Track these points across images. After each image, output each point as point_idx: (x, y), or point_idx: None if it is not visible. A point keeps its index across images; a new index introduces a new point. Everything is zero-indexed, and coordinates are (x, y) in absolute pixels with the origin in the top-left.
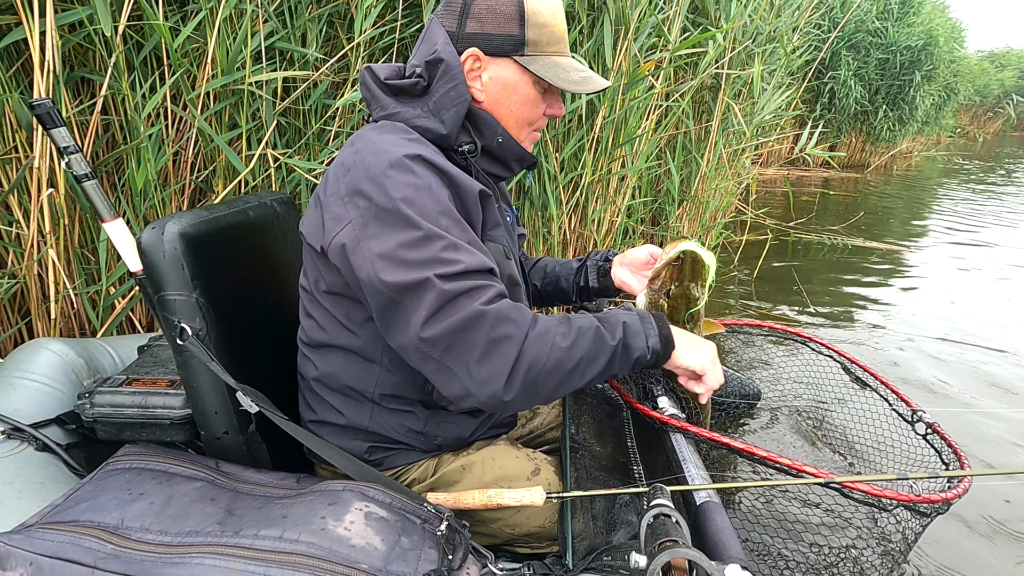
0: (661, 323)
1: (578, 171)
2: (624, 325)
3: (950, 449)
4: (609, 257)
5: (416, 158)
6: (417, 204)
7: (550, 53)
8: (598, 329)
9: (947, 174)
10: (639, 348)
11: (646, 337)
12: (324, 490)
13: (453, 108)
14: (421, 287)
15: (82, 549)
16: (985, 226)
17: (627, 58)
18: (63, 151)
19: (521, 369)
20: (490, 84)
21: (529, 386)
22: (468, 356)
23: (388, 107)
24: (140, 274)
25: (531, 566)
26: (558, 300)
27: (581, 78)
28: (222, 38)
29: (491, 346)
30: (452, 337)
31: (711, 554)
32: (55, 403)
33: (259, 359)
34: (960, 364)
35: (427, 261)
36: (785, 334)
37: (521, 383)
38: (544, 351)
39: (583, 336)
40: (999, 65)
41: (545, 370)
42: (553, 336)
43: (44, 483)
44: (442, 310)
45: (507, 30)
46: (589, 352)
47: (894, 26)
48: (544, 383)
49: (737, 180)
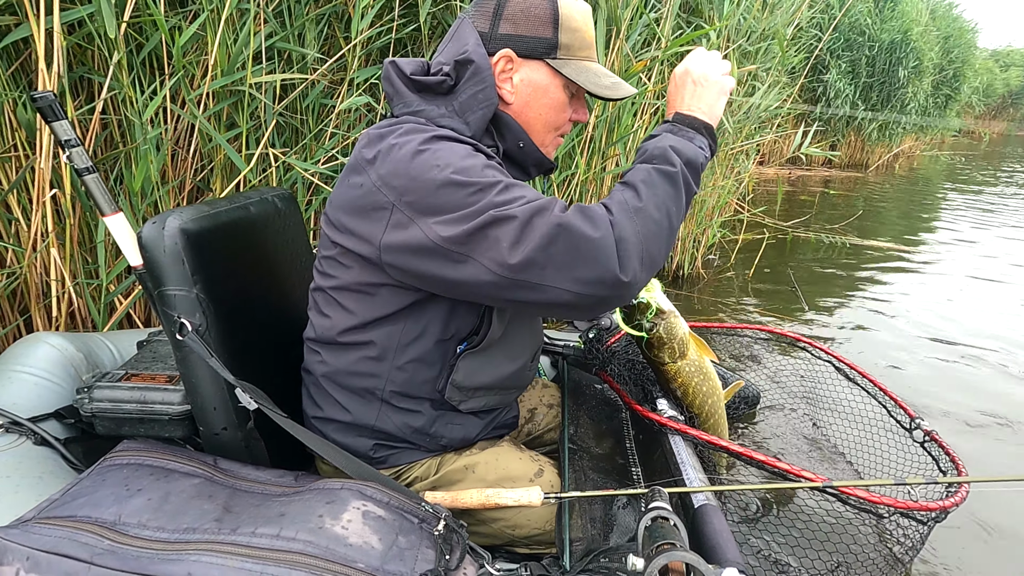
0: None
1: (571, 170)
2: (672, 150)
3: (948, 457)
4: None
5: (445, 138)
6: (461, 167)
7: (581, 58)
8: (657, 171)
9: (949, 174)
10: (695, 155)
11: (692, 140)
12: (322, 488)
13: (480, 111)
14: (480, 228)
15: (79, 544)
16: (984, 227)
17: (619, 57)
18: (65, 144)
19: (627, 250)
20: (521, 86)
21: (643, 258)
22: (570, 264)
23: (412, 104)
24: (140, 269)
25: (528, 567)
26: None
27: (611, 83)
28: (223, 38)
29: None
30: (545, 249)
31: (709, 557)
32: (54, 397)
33: (259, 355)
34: (957, 367)
35: (485, 207)
36: (785, 338)
37: (638, 259)
38: (648, 218)
39: (651, 186)
40: (1003, 64)
41: (645, 236)
42: (629, 206)
43: (42, 477)
44: (525, 232)
45: (541, 33)
46: (667, 195)
47: (875, 22)
48: (651, 246)
49: (737, 179)
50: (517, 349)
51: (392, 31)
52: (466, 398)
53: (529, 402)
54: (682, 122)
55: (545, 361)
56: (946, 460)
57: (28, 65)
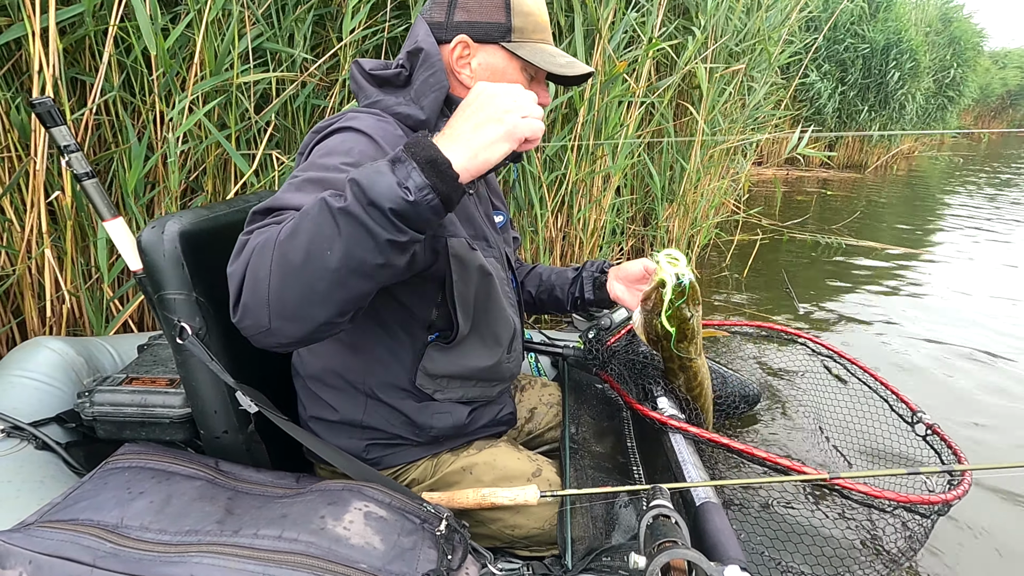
0: (417, 145)
1: (562, 170)
2: (353, 181)
3: (950, 450)
4: (605, 269)
5: (363, 134)
6: (325, 147)
7: (536, 40)
8: (322, 202)
9: (948, 175)
10: (388, 192)
11: (396, 178)
12: (323, 489)
13: (432, 94)
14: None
15: (81, 548)
16: (980, 228)
17: (602, 57)
18: (64, 149)
19: (249, 286)
20: (479, 70)
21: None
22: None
23: (371, 96)
24: (140, 273)
25: (530, 566)
26: (552, 308)
27: (566, 62)
28: (210, 39)
29: (232, 274)
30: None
31: (710, 555)
32: (55, 401)
33: (258, 359)
34: (955, 365)
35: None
36: (784, 334)
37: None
38: (266, 256)
39: (304, 218)
40: (1001, 64)
41: (274, 275)
42: (276, 235)
43: (43, 481)
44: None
45: (494, 18)
46: (317, 230)
47: (869, 24)
48: (277, 290)
49: (733, 180)
50: (490, 340)
51: (384, 30)
52: (440, 387)
53: (529, 402)
54: (413, 146)
55: (545, 361)
56: (948, 453)
57: (20, 66)
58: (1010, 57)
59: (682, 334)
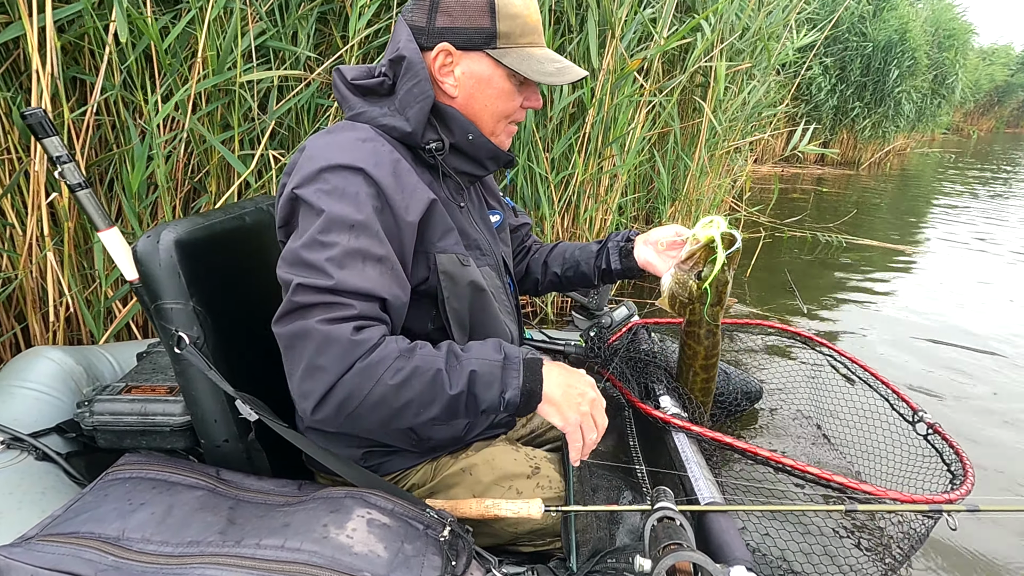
0: (531, 372)
1: (569, 170)
2: (472, 375)
3: (951, 449)
4: (631, 237)
5: (351, 168)
6: (334, 211)
7: (523, 45)
8: (438, 373)
9: (941, 171)
10: (489, 401)
11: (502, 389)
12: (326, 497)
13: (417, 105)
14: (286, 287)
15: (83, 561)
16: (976, 223)
17: (614, 57)
18: (56, 161)
19: (336, 398)
20: (464, 79)
21: (344, 415)
22: (296, 365)
23: (355, 107)
24: (136, 283)
25: (535, 570)
26: (580, 284)
27: (556, 69)
28: (212, 37)
29: (311, 368)
30: (288, 341)
31: (716, 556)
32: (54, 412)
33: (258, 366)
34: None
35: (306, 265)
36: (787, 333)
37: (335, 410)
38: (367, 386)
39: (418, 377)
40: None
41: (366, 403)
42: (383, 372)
43: (44, 493)
44: (290, 314)
45: (478, 23)
46: (421, 396)
47: (871, 22)
48: (364, 416)
49: (732, 178)
50: None
51: (390, 30)
52: None
53: None
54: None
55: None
56: (950, 452)
57: (19, 65)
58: (998, 54)
59: (717, 297)
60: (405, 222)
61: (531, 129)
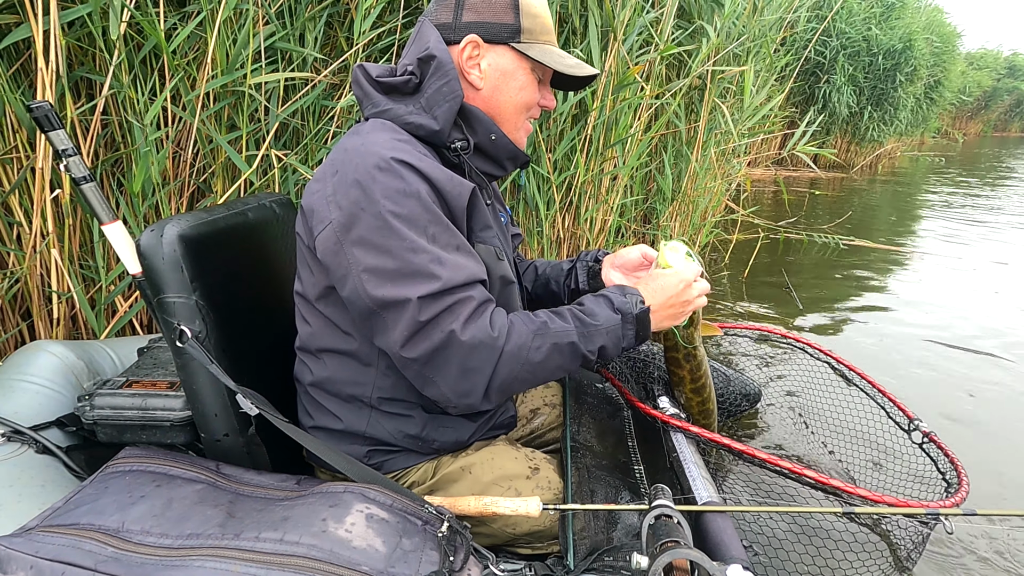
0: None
1: (571, 171)
2: (601, 340)
3: (946, 458)
4: (599, 257)
5: (403, 163)
6: (404, 213)
7: (543, 42)
8: (573, 345)
9: (931, 174)
10: (613, 353)
11: (623, 344)
12: (325, 492)
13: (446, 104)
14: (402, 307)
15: (83, 552)
16: (970, 225)
17: (616, 60)
18: (61, 153)
19: (494, 389)
20: (489, 71)
21: (504, 394)
22: (446, 373)
23: (380, 104)
24: (139, 276)
25: (532, 567)
26: (549, 303)
27: (574, 63)
28: (222, 39)
29: (464, 371)
30: (431, 356)
31: (713, 554)
32: (55, 405)
33: (259, 361)
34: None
35: (411, 275)
36: (783, 339)
37: (497, 394)
38: (517, 367)
39: (558, 351)
40: (976, 66)
41: (518, 380)
42: (527, 353)
43: (44, 486)
44: (420, 332)
45: (503, 19)
46: (562, 364)
47: (879, 28)
48: (517, 388)
49: (728, 180)
50: None
51: (396, 31)
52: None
53: (531, 402)
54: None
55: None
56: (944, 461)
57: (28, 65)
58: (985, 59)
59: (688, 320)
60: (459, 209)
61: (535, 130)
